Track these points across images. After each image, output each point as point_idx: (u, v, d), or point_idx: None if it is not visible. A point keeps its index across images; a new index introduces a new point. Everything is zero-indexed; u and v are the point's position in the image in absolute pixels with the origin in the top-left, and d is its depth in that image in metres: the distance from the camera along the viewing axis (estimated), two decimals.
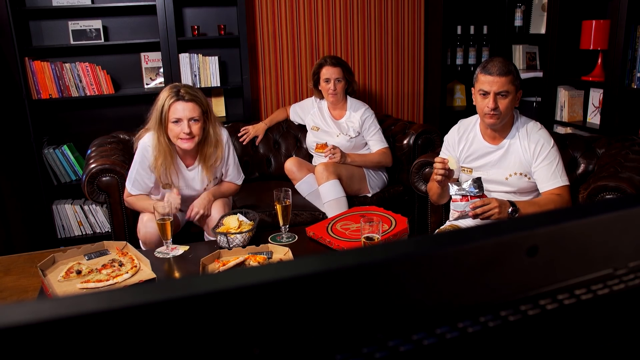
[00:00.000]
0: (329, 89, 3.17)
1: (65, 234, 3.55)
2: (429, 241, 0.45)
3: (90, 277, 1.96)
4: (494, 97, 2.11)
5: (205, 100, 2.49)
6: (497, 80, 2.10)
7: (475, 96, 2.21)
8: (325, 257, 0.41)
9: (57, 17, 3.41)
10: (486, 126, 2.23)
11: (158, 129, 2.44)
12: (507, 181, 2.23)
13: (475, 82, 2.20)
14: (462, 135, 2.34)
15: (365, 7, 3.85)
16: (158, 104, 2.45)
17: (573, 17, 3.22)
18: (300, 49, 3.79)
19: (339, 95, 3.20)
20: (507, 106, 2.13)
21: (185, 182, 2.56)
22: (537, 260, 0.51)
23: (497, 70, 2.10)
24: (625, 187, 2.12)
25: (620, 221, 0.57)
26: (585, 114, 3.31)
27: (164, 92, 2.46)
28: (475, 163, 2.30)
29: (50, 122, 3.56)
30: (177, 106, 2.40)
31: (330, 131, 3.26)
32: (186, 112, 2.39)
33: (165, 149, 2.45)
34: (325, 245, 2.23)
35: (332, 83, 3.15)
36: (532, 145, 2.18)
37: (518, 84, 2.17)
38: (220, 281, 0.38)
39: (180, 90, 2.42)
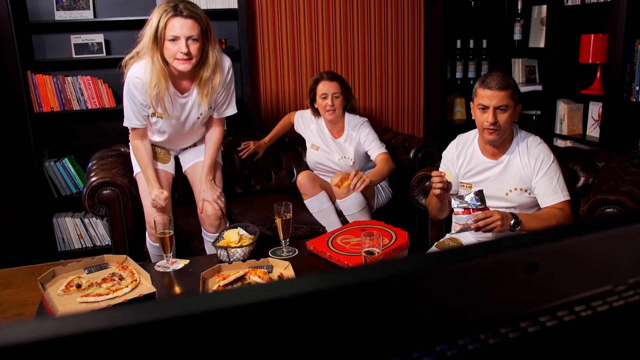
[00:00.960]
0: (326, 105, 2.98)
1: (66, 247, 3.54)
2: (429, 259, 0.45)
3: (90, 291, 1.96)
4: (493, 111, 2.09)
5: (206, 18, 2.29)
6: (497, 94, 2.09)
7: (474, 111, 2.19)
8: (324, 276, 0.42)
9: (59, 31, 3.44)
10: (485, 142, 2.21)
11: (152, 48, 2.23)
12: (507, 197, 2.21)
13: (474, 97, 2.19)
14: (460, 151, 2.33)
15: (365, 21, 3.88)
16: (152, 20, 2.22)
17: (572, 31, 3.24)
18: (300, 64, 3.82)
19: (337, 112, 3.00)
20: (507, 120, 2.12)
21: (179, 109, 2.42)
22: (536, 277, 0.51)
23: (496, 85, 2.09)
24: (625, 201, 2.12)
25: (619, 238, 0.58)
26: (584, 127, 3.32)
27: (159, 7, 2.23)
28: (474, 178, 2.28)
29: (51, 135, 3.57)
30: (175, 22, 2.18)
31: (331, 152, 3.09)
32: (184, 30, 2.19)
33: (160, 71, 2.26)
34: (326, 259, 2.23)
35: (330, 99, 2.96)
36: (532, 161, 2.17)
37: (517, 98, 2.16)
38: (220, 300, 0.38)
39: (179, 5, 2.20)
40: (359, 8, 3.85)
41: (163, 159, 2.66)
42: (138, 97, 2.36)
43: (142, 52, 2.30)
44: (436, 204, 2.26)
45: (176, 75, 2.35)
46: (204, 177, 2.57)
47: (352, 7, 3.84)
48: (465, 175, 2.30)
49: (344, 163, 3.06)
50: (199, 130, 2.64)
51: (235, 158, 3.35)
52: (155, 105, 2.36)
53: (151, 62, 2.25)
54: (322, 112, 3.05)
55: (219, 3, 3.43)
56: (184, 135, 2.60)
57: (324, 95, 2.99)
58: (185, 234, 2.80)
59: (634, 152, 2.54)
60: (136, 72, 2.31)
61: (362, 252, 2.02)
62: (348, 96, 3.07)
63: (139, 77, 2.30)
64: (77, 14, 3.39)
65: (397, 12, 3.93)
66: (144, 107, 2.39)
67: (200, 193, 2.60)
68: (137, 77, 2.31)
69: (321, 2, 3.78)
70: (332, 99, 2.98)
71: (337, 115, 3.01)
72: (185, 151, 2.77)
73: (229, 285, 1.94)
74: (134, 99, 2.37)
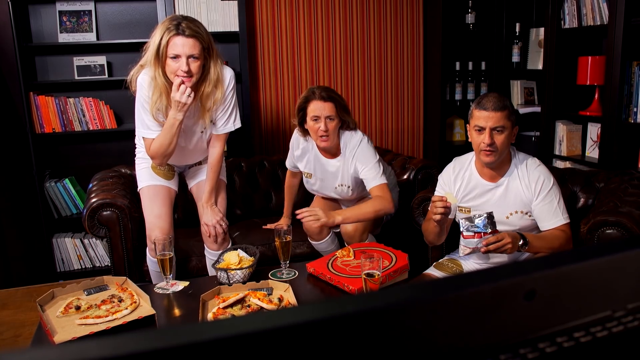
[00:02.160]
0: (318, 129, 2.53)
1: (65, 267, 3.53)
2: (428, 287, 0.46)
3: (89, 313, 1.95)
4: (489, 132, 2.08)
5: (208, 35, 2.29)
6: (493, 115, 2.07)
7: (470, 132, 2.18)
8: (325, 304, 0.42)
9: (62, 53, 3.47)
10: (482, 164, 2.19)
11: (154, 64, 2.24)
12: (507, 220, 2.19)
13: (470, 119, 2.17)
14: (457, 174, 2.29)
15: (365, 43, 3.92)
16: (155, 37, 2.24)
17: (569, 53, 3.27)
18: (301, 85, 3.85)
19: (331, 138, 2.56)
20: (504, 142, 2.10)
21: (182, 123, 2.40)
22: (535, 304, 0.52)
23: (492, 105, 2.08)
24: (625, 222, 2.12)
25: (617, 264, 0.58)
26: (583, 148, 3.34)
27: (162, 24, 2.25)
28: (473, 202, 2.25)
29: (52, 156, 3.59)
30: (177, 41, 2.20)
31: (327, 180, 2.74)
32: (185, 49, 2.20)
33: (162, 87, 2.27)
34: (326, 282, 2.22)
35: (323, 122, 2.52)
36: (533, 184, 2.15)
37: (514, 120, 2.15)
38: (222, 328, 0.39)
39: (181, 24, 2.21)
40: (359, 30, 3.89)
41: (166, 175, 2.65)
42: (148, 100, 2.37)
43: (145, 66, 2.33)
44: (434, 229, 2.20)
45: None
46: (204, 202, 2.58)
47: (351, 29, 3.88)
48: (464, 199, 2.27)
49: (342, 191, 2.75)
50: (203, 146, 2.63)
51: (235, 179, 3.36)
52: (157, 117, 2.37)
53: (153, 78, 2.28)
54: (314, 137, 2.61)
55: (220, 26, 3.47)
56: (188, 151, 2.60)
57: (315, 118, 2.54)
58: (184, 254, 2.80)
59: (633, 173, 2.55)
60: (144, 80, 2.33)
61: (362, 274, 2.01)
62: (344, 118, 2.62)
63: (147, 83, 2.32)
64: (80, 37, 3.43)
65: (396, 34, 3.97)
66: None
67: (202, 217, 2.60)
68: (145, 82, 2.33)
69: (321, 24, 3.82)
70: (325, 123, 2.53)
71: (331, 141, 2.58)
72: (191, 169, 2.76)
73: (229, 308, 1.93)
74: (145, 105, 2.38)
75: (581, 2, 3.11)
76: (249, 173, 3.42)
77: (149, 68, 2.29)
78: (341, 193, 2.76)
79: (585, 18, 3.11)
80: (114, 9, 3.52)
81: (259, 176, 3.45)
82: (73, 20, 3.43)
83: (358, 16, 3.87)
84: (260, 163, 3.48)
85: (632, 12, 2.76)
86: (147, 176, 2.60)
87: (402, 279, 2.23)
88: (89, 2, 3.44)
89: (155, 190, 2.58)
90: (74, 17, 3.43)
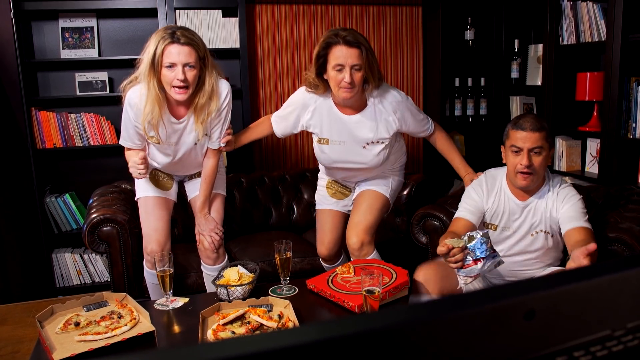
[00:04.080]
0: (341, 80, 2.21)
1: (64, 282, 3.52)
2: (427, 307, 0.46)
3: (88, 329, 1.94)
4: (527, 153, 2.02)
5: (203, 44, 2.27)
6: (531, 135, 2.02)
7: (506, 153, 2.12)
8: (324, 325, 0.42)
9: (64, 68, 3.50)
10: (517, 187, 2.13)
11: (149, 75, 2.20)
12: (533, 237, 2.15)
13: (505, 139, 2.11)
14: (490, 191, 2.20)
15: None
16: (150, 47, 2.20)
17: (568, 69, 3.30)
18: None
19: (356, 90, 2.25)
20: (541, 163, 2.05)
21: (174, 136, 2.39)
22: (534, 324, 0.52)
23: (530, 126, 2.03)
24: (625, 238, 2.12)
25: (617, 283, 0.58)
26: (583, 163, 3.35)
27: (157, 34, 2.21)
28: (500, 220, 2.20)
29: (53, 171, 3.59)
30: (172, 49, 2.16)
31: (350, 142, 2.41)
32: (181, 57, 2.16)
33: (155, 98, 2.22)
34: (326, 298, 2.22)
35: (348, 72, 2.20)
36: (561, 198, 2.10)
37: (551, 142, 2.10)
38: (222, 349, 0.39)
39: (176, 32, 2.17)
40: None
41: (164, 185, 2.64)
42: (132, 120, 2.36)
43: (140, 78, 2.29)
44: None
45: (172, 101, 2.34)
46: (198, 211, 2.57)
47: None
48: (492, 216, 2.21)
49: (372, 152, 2.40)
50: (198, 159, 2.59)
51: (235, 194, 3.36)
52: (148, 131, 2.34)
53: (147, 88, 2.24)
54: (334, 88, 2.28)
55: (221, 42, 3.50)
56: (183, 162, 2.56)
57: (339, 67, 2.21)
58: (184, 269, 2.80)
59: (632, 189, 2.55)
60: (132, 97, 2.31)
61: (362, 291, 2.01)
62: (372, 69, 2.26)
63: (134, 101, 2.30)
64: (82, 53, 3.46)
65: (396, 51, 4.00)
66: (137, 131, 2.38)
67: (196, 226, 2.60)
68: (133, 100, 2.30)
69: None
70: (350, 73, 2.20)
71: (355, 93, 2.26)
72: (191, 180, 2.73)
73: (229, 324, 1.93)
74: (129, 122, 2.38)
75: (579, 19, 3.14)
76: (249, 189, 3.43)
77: (142, 82, 2.26)
78: (370, 155, 2.42)
79: (583, 34, 3.13)
80: (115, 25, 3.55)
81: (259, 192, 3.45)
82: (75, 36, 3.46)
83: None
84: (260, 179, 3.48)
85: (629, 28, 2.78)
86: (145, 186, 2.58)
87: (402, 295, 2.23)
88: (91, 18, 3.47)
89: (153, 202, 2.57)
90: (76, 34, 3.46)
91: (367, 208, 2.56)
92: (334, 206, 2.70)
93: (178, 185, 2.75)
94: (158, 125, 2.32)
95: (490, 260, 1.90)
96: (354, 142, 2.42)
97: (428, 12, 3.93)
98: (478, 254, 1.87)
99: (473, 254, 1.88)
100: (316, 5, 3.81)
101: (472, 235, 1.91)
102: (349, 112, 2.39)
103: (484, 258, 1.87)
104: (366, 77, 2.27)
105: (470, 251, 1.88)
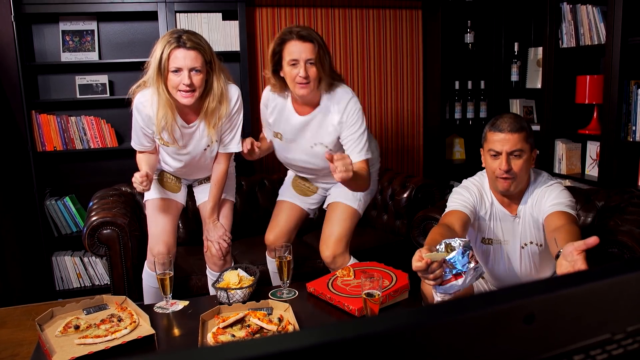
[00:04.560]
0: (295, 76, 2.23)
1: (64, 285, 3.52)
2: (427, 312, 0.46)
3: (88, 333, 1.94)
4: (506, 157, 1.90)
5: (210, 48, 2.25)
6: (509, 137, 1.89)
7: (484, 157, 1.99)
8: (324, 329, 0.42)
9: (65, 72, 3.50)
10: (498, 191, 2.01)
11: (157, 79, 2.20)
12: (523, 249, 2.06)
13: (484, 142, 1.99)
14: (482, 200, 2.07)
15: (365, 61, 3.95)
16: (156, 52, 2.19)
17: (567, 72, 3.30)
18: None
19: (312, 85, 2.25)
20: (522, 167, 1.91)
21: (185, 139, 2.38)
22: (534, 328, 0.52)
23: (508, 127, 1.89)
24: (626, 241, 2.12)
25: (616, 287, 0.58)
26: (583, 166, 3.35)
27: (163, 38, 2.20)
28: (493, 234, 2.09)
29: (53, 174, 3.59)
30: (178, 54, 2.15)
31: (299, 141, 2.45)
32: (187, 61, 2.15)
33: (166, 102, 2.22)
34: (326, 302, 2.21)
35: (302, 67, 2.22)
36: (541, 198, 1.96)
37: (532, 142, 1.95)
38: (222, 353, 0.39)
39: (182, 36, 2.16)
40: (359, 49, 3.93)
41: (172, 187, 2.63)
42: (140, 123, 2.37)
43: (148, 82, 2.29)
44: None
45: (181, 106, 2.33)
46: (206, 217, 2.57)
47: (351, 49, 3.91)
48: (487, 230, 2.10)
49: (318, 153, 2.39)
50: (208, 163, 2.58)
51: (235, 197, 3.36)
52: (162, 134, 2.35)
53: (157, 93, 2.24)
54: (291, 85, 2.29)
55: (221, 45, 3.50)
56: (192, 166, 2.56)
57: (293, 62, 2.24)
58: (184, 272, 2.79)
59: (632, 192, 2.55)
60: (141, 100, 2.31)
61: (362, 294, 2.00)
62: (323, 65, 2.26)
63: (143, 105, 2.30)
64: (83, 56, 3.47)
65: (396, 54, 4.01)
66: (145, 133, 2.39)
67: (204, 232, 2.59)
68: (141, 104, 2.31)
69: None
70: (305, 68, 2.22)
71: (311, 88, 2.27)
72: (200, 185, 2.72)
73: (229, 328, 1.92)
74: (137, 125, 2.39)
75: (579, 22, 3.15)
76: (249, 192, 3.43)
77: (151, 87, 2.27)
78: (316, 156, 2.41)
79: (582, 38, 3.14)
80: (116, 28, 3.56)
81: (259, 195, 3.45)
82: (76, 39, 3.47)
83: (358, 36, 3.91)
84: (261, 182, 3.48)
85: (629, 31, 2.79)
86: (154, 188, 2.57)
87: (402, 298, 2.23)
88: (91, 21, 3.48)
89: (162, 204, 2.56)
90: (76, 37, 3.47)
91: (337, 221, 2.56)
92: (295, 200, 2.69)
93: (187, 189, 2.75)
94: (173, 130, 2.32)
95: (472, 274, 1.65)
96: (302, 142, 2.46)
97: (428, 15, 3.94)
98: (459, 268, 1.63)
99: (453, 267, 1.63)
100: (316, 9, 3.81)
101: (451, 244, 1.67)
102: (305, 112, 2.41)
103: (465, 272, 1.62)
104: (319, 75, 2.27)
105: (450, 264, 1.63)
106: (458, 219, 1.96)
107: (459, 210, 2.01)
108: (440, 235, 1.80)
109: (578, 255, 1.54)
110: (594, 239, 1.53)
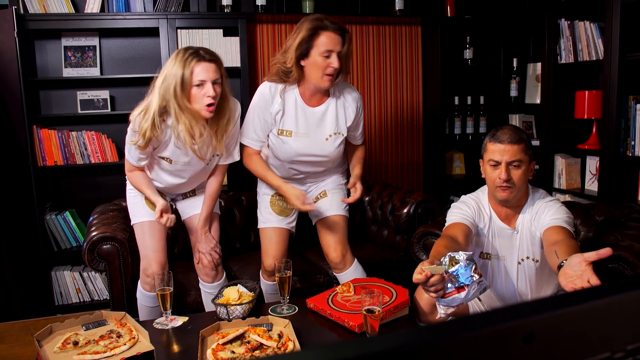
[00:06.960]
0: (327, 66, 2.21)
1: (63, 300, 3.51)
2: (427, 332, 0.46)
3: (87, 349, 1.93)
4: (505, 167, 1.94)
5: (222, 61, 2.27)
6: (509, 148, 1.93)
7: (484, 168, 2.03)
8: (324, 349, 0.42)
9: (66, 87, 3.52)
10: (497, 201, 2.04)
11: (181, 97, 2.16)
12: (519, 266, 2.07)
13: (483, 153, 2.03)
14: (481, 215, 2.10)
15: (364, 76, 3.97)
16: (174, 71, 2.16)
17: (566, 87, 3.32)
18: None
19: (336, 78, 2.30)
20: (521, 177, 1.96)
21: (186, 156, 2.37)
22: (533, 347, 0.52)
23: (508, 138, 1.94)
24: (626, 256, 2.11)
25: (616, 305, 0.58)
26: (583, 181, 3.35)
27: (177, 57, 2.18)
28: (491, 248, 2.10)
29: (53, 189, 3.60)
30: (200, 67, 2.16)
31: (314, 133, 2.39)
32: (210, 74, 2.17)
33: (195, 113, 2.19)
34: (326, 318, 2.20)
35: (336, 58, 2.20)
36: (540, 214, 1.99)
37: (531, 154, 2.00)
38: None
39: (199, 51, 2.18)
40: (358, 65, 3.95)
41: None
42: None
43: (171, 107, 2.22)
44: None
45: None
46: (199, 229, 2.57)
47: (352, 64, 3.93)
48: (486, 245, 2.11)
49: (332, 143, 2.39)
50: (203, 177, 2.58)
51: (235, 213, 3.36)
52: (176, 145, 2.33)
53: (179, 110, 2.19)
54: (317, 75, 2.25)
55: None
56: (187, 182, 2.54)
57: (326, 53, 2.21)
58: (183, 287, 2.78)
59: (632, 207, 2.55)
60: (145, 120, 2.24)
61: (362, 310, 2.00)
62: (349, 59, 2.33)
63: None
64: (84, 71, 3.49)
65: (396, 70, 4.03)
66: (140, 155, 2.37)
67: (196, 244, 2.59)
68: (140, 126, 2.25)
69: None
70: (338, 59, 2.21)
71: (334, 81, 2.30)
72: (184, 200, 2.70)
73: (228, 344, 1.91)
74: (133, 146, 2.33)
75: (577, 38, 3.17)
76: (250, 207, 3.42)
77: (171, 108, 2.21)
78: (330, 147, 2.41)
79: (581, 53, 3.16)
80: (117, 44, 3.59)
81: None
82: (78, 55, 3.49)
83: (357, 51, 3.93)
84: None
85: (626, 47, 2.81)
86: (141, 210, 2.54)
87: (402, 314, 2.22)
88: (93, 37, 3.51)
89: (150, 225, 2.53)
90: (78, 52, 3.49)
91: (335, 229, 2.62)
92: (280, 223, 2.67)
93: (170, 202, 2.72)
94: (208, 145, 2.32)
95: (475, 287, 1.64)
96: (317, 135, 2.42)
97: (427, 32, 3.97)
98: (462, 281, 1.62)
99: (456, 280, 1.62)
100: None
101: (454, 257, 1.66)
102: (313, 104, 2.39)
103: (469, 285, 1.61)
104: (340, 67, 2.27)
105: (453, 277, 1.63)
106: (460, 231, 1.99)
107: (460, 222, 2.03)
108: (445, 248, 1.80)
109: (587, 266, 1.54)
110: (607, 250, 1.52)
